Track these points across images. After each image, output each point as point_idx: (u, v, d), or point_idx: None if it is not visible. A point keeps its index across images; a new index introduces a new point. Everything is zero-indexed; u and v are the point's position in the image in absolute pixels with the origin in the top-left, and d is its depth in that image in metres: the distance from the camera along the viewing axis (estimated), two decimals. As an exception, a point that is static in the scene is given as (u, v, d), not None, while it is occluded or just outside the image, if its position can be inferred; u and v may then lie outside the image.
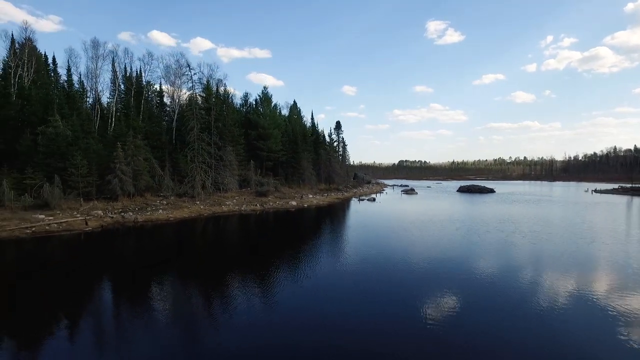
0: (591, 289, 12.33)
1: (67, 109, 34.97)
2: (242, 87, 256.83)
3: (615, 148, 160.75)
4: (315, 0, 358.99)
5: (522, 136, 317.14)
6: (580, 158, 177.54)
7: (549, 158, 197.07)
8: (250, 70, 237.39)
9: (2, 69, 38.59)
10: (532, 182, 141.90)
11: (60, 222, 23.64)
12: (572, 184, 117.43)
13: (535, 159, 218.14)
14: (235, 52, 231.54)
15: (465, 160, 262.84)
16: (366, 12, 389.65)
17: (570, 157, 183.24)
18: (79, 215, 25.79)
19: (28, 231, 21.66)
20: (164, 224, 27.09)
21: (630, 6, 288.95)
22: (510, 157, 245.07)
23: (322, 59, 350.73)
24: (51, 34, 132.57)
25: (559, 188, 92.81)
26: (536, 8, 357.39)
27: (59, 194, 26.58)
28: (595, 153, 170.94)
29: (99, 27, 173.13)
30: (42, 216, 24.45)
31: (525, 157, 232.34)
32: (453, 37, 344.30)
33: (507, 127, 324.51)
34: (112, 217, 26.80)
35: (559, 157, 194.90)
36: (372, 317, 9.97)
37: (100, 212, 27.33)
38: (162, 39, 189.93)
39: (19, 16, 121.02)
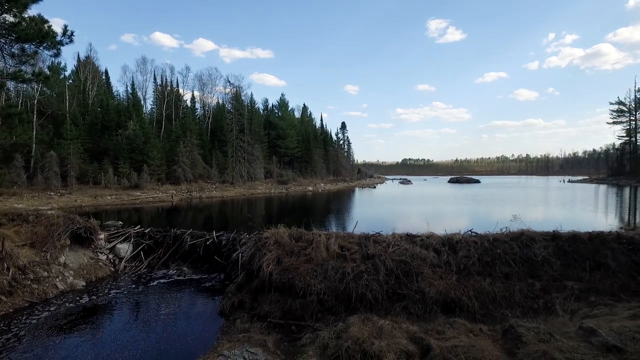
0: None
1: (135, 115, 45.05)
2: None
3: (614, 144, 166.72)
4: (316, 1, 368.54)
5: (526, 134, 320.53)
6: (579, 155, 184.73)
7: (549, 156, 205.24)
8: (253, 71, 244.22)
9: (77, 85, 48.90)
10: (526, 176, 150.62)
11: (154, 197, 33.62)
12: (562, 177, 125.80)
13: (539, 156, 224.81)
14: (237, 53, 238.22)
15: (468, 158, 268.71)
16: (367, 12, 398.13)
17: (569, 154, 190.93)
18: (160, 193, 35.74)
19: (137, 202, 31.58)
20: (220, 201, 36.86)
21: (631, 3, 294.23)
22: (512, 155, 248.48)
23: (323, 59, 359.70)
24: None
25: (543, 180, 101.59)
26: (537, 5, 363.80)
27: (146, 179, 36.59)
28: (594, 150, 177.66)
29: (101, 29, 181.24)
30: (138, 193, 34.42)
31: (527, 155, 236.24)
32: (454, 35, 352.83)
33: (510, 125, 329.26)
34: (183, 195, 36.72)
35: (559, 154, 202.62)
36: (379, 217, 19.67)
37: (173, 191, 37.28)
38: (164, 40, 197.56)
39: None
